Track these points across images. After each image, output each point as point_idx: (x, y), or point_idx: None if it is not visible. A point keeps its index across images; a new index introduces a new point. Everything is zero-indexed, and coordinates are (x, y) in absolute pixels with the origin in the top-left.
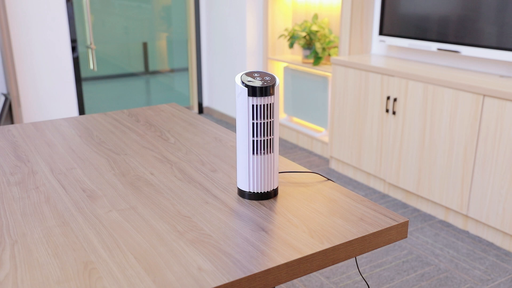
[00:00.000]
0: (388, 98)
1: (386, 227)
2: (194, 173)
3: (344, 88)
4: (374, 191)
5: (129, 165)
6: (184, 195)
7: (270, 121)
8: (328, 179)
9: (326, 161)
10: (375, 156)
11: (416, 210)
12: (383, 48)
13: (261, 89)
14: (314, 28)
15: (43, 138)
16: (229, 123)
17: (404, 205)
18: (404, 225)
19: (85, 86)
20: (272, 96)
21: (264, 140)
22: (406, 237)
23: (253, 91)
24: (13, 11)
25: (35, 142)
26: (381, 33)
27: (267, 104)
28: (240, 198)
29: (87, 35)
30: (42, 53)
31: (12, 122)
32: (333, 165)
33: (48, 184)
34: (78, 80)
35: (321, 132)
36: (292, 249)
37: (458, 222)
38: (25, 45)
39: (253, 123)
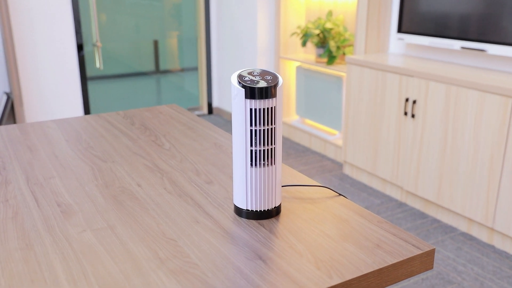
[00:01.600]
0: (407, 100)
1: (408, 256)
2: (187, 185)
3: (359, 89)
4: (390, 199)
5: (115, 175)
6: (172, 212)
7: (272, 128)
8: (340, 194)
9: (340, 165)
10: (392, 162)
11: (436, 220)
12: (402, 47)
13: (261, 90)
14: (328, 25)
15: (27, 142)
16: None
17: (423, 215)
18: (430, 254)
19: (92, 86)
20: (274, 98)
21: (264, 150)
22: (431, 268)
23: (251, 93)
24: (16, 6)
25: (16, 146)
26: (399, 30)
27: (268, 108)
28: (237, 217)
29: (93, 32)
30: (46, 51)
31: (14, 121)
32: (347, 170)
33: (20, 197)
34: (84, 79)
35: (334, 135)
36: (294, 285)
37: (483, 235)
38: (28, 42)
39: (251, 130)
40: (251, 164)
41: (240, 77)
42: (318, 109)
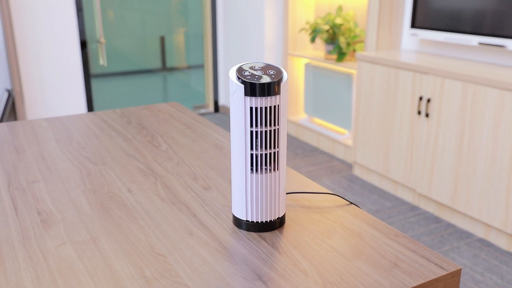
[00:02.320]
0: (421, 98)
1: (430, 278)
2: (182, 190)
3: (370, 87)
4: (402, 202)
5: (105, 179)
6: (163, 222)
7: (275, 129)
8: (351, 203)
9: (349, 166)
10: (404, 163)
11: (450, 225)
12: (415, 43)
13: (263, 87)
14: (338, 21)
15: (14, 142)
16: None
17: (437, 219)
18: (456, 274)
19: (96, 83)
20: (278, 96)
21: (266, 154)
22: None
23: (251, 89)
24: (17, 1)
25: (2, 147)
26: (413, 25)
27: (270, 107)
28: (235, 228)
29: (97, 28)
30: (48, 47)
31: (15, 119)
32: (357, 171)
33: None
34: (87, 76)
35: (344, 135)
36: None
37: (501, 242)
38: (30, 38)
39: (251, 132)
40: (252, 170)
41: (240, 71)
42: (327, 107)
